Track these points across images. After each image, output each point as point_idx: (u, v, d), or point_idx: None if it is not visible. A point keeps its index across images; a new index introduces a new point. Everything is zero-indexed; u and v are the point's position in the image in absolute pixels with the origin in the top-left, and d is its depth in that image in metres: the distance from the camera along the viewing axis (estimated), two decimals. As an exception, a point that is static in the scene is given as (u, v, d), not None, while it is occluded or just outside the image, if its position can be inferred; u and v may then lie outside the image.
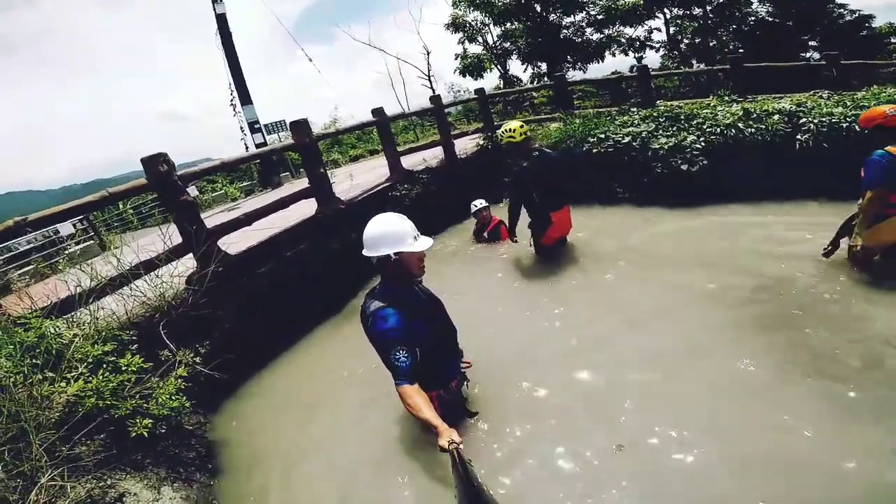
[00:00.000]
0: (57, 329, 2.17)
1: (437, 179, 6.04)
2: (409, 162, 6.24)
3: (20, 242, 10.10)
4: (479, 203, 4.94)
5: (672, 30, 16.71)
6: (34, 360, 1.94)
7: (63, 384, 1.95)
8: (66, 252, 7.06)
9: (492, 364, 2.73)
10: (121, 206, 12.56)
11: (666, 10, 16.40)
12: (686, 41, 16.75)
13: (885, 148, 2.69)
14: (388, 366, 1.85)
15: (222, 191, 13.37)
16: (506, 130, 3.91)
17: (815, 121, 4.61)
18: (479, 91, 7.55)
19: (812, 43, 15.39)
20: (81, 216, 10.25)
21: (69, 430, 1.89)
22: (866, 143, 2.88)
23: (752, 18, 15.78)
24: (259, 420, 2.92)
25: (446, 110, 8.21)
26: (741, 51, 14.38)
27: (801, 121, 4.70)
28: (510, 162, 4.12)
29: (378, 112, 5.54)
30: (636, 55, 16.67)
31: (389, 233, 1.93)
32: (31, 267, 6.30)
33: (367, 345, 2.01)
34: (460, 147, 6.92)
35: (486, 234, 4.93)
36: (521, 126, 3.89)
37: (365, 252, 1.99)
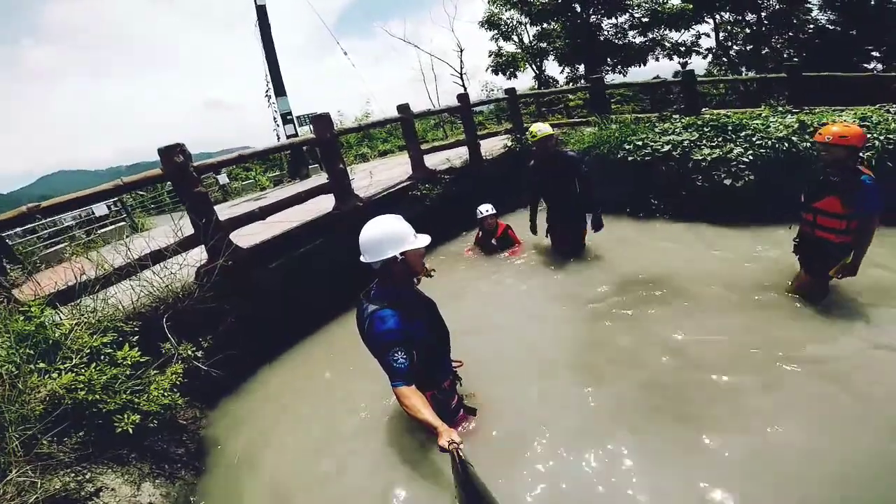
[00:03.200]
0: (58, 317, 2.13)
1: (460, 180, 5.86)
2: (433, 161, 6.10)
3: (65, 218, 10.63)
4: (486, 210, 4.63)
5: (721, 35, 15.85)
6: (28, 351, 1.90)
7: (55, 375, 1.89)
8: (99, 232, 7.32)
9: (489, 365, 2.72)
10: (159, 188, 13.02)
11: (716, 15, 15.57)
12: (736, 48, 15.85)
13: (863, 170, 2.63)
14: (386, 367, 1.84)
15: (253, 179, 13.65)
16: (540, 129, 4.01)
17: (881, 137, 4.19)
18: (510, 91, 7.29)
19: (875, 54, 14.25)
20: (114, 199, 10.69)
21: (52, 423, 1.84)
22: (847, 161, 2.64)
23: (811, 26, 14.75)
24: (256, 418, 2.84)
25: (476, 109, 8.01)
26: (796, 60, 13.49)
27: None
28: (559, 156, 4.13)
29: (403, 109, 5.41)
30: (681, 60, 15.95)
31: (391, 234, 1.90)
32: (63, 245, 6.54)
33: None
34: (487, 148, 6.71)
35: (493, 242, 4.69)
36: None
37: (365, 258, 1.94)
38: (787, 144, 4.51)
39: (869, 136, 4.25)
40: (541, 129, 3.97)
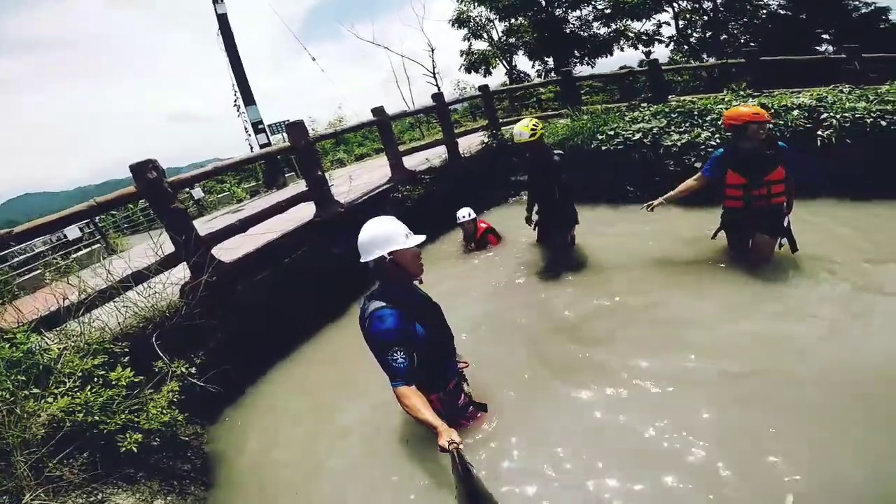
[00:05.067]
0: (46, 343, 2.10)
1: (441, 179, 5.91)
2: (412, 162, 6.12)
3: (35, 244, 10.26)
4: (465, 215, 4.64)
5: (681, 24, 16.31)
6: (19, 377, 1.88)
7: (50, 400, 1.89)
8: (74, 256, 7.07)
9: (489, 364, 2.76)
10: (132, 206, 12.67)
11: (675, 4, 16.02)
12: (696, 35, 16.34)
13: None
14: (385, 367, 1.84)
15: (229, 191, 13.40)
16: (538, 124, 3.85)
17: (838, 116, 4.43)
18: (483, 88, 7.38)
19: (825, 36, 14.89)
20: (87, 220, 10.37)
21: (56, 446, 1.83)
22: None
23: (764, 12, 15.32)
24: (257, 430, 2.85)
25: (450, 108, 8.06)
26: (752, 45, 14.01)
27: (822, 116, 4.51)
28: (536, 155, 3.97)
29: (378, 111, 5.42)
30: (645, 49, 16.36)
31: (381, 234, 1.92)
32: (38, 272, 6.31)
33: (366, 350, 1.99)
34: (465, 145, 6.77)
35: (472, 245, 4.74)
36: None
37: (361, 259, 1.98)
38: (750, 126, 4.72)
39: (826, 115, 4.50)
40: (518, 133, 3.83)
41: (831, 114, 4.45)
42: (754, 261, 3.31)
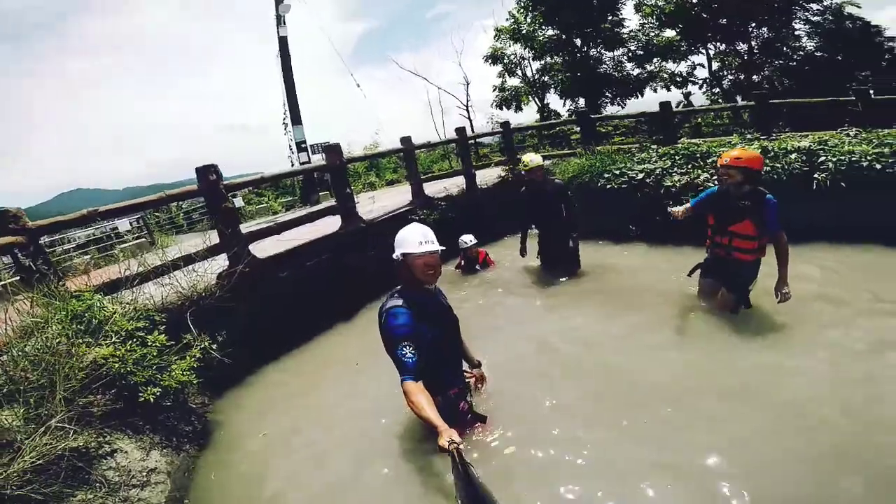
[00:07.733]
0: (102, 304, 2.59)
1: (456, 207, 6.29)
2: (433, 189, 6.59)
3: (78, 235, 11.54)
4: (470, 240, 5.07)
5: (715, 66, 16.48)
6: (79, 326, 2.35)
7: (97, 349, 2.32)
8: (123, 246, 7.97)
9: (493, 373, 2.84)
10: (174, 210, 13.90)
11: (710, 46, 16.21)
12: (731, 77, 16.44)
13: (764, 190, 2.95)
14: (395, 360, 1.95)
15: (266, 204, 14.40)
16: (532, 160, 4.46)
17: (834, 159, 4.43)
18: (505, 124, 7.90)
19: (865, 74, 14.56)
20: (139, 215, 11.58)
21: (89, 386, 2.21)
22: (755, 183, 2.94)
23: (801, 53, 15.19)
24: (259, 409, 3.13)
25: (485, 141, 8.54)
26: (787, 86, 13.98)
27: (819, 160, 4.54)
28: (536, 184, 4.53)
29: (405, 140, 5.97)
30: (682, 91, 16.53)
31: (400, 237, 2.14)
32: (88, 256, 7.15)
33: (373, 350, 2.15)
34: (484, 177, 7.19)
35: (477, 267, 5.15)
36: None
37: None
38: (751, 170, 4.87)
39: (823, 158, 4.50)
40: (532, 159, 4.43)
41: (828, 157, 4.46)
42: (717, 307, 3.30)
